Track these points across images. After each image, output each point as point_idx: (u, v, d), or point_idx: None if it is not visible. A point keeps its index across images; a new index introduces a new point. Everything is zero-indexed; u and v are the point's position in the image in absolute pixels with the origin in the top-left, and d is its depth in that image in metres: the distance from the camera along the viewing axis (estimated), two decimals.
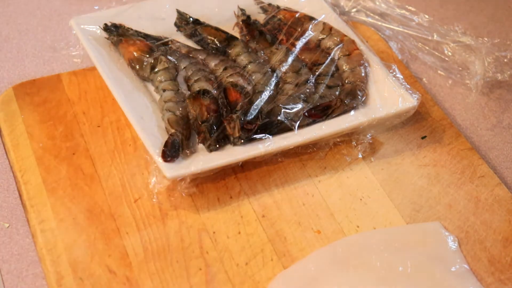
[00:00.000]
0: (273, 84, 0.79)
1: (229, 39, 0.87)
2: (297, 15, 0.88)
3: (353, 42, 0.85)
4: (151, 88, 0.81)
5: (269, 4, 0.93)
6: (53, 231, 0.68)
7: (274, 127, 0.74)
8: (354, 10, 0.98)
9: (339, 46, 0.84)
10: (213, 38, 0.87)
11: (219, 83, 0.79)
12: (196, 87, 0.78)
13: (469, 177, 0.75)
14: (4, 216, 0.71)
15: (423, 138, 0.79)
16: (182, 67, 0.82)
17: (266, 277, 0.66)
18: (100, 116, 0.79)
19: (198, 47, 0.87)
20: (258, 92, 0.78)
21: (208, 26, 0.88)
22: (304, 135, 0.74)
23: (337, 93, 0.79)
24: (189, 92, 0.78)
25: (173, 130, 0.73)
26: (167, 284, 0.64)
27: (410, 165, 0.76)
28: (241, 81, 0.78)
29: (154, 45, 0.84)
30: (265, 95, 0.77)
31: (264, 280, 0.65)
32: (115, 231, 0.68)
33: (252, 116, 0.74)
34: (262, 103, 0.76)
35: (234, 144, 0.73)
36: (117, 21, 0.86)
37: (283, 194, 0.73)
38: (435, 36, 0.94)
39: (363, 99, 0.79)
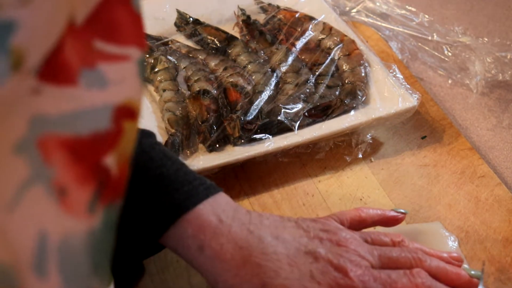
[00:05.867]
0: (273, 84, 0.79)
1: (229, 39, 0.87)
2: (297, 15, 0.88)
3: (353, 42, 0.85)
4: (151, 88, 0.81)
5: (269, 4, 0.93)
6: None
7: (274, 127, 0.74)
8: (354, 10, 0.98)
9: (339, 46, 0.84)
10: (213, 38, 0.87)
11: (219, 83, 0.79)
12: (196, 87, 0.78)
13: (469, 177, 0.75)
14: None
15: (423, 138, 0.79)
16: (182, 67, 0.82)
17: None
18: None
19: (198, 47, 0.87)
20: (258, 92, 0.78)
21: (208, 26, 0.88)
22: (304, 135, 0.74)
23: (337, 93, 0.79)
24: (189, 92, 0.78)
25: (173, 130, 0.73)
26: (167, 284, 0.64)
27: (410, 165, 0.76)
28: (241, 81, 0.78)
29: (154, 45, 0.84)
30: (265, 95, 0.77)
31: None
32: None
33: (252, 116, 0.74)
34: (262, 103, 0.76)
35: (234, 144, 0.73)
36: None
37: (283, 194, 0.73)
38: (435, 36, 0.94)
39: (363, 99, 0.79)
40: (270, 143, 0.73)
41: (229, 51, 0.85)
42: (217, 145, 0.73)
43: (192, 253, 0.54)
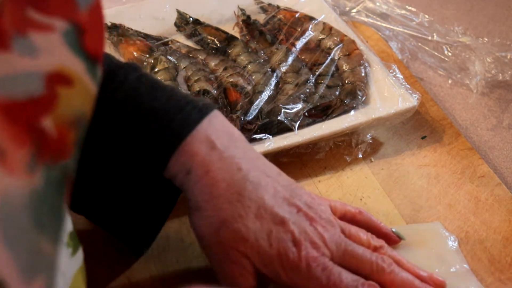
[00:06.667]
0: (273, 84, 0.79)
1: (229, 39, 0.87)
2: (297, 15, 0.88)
3: (353, 42, 0.85)
4: None
5: (269, 4, 0.93)
6: None
7: (274, 127, 0.74)
8: (354, 10, 0.98)
9: (339, 46, 0.84)
10: (213, 38, 0.87)
11: (219, 83, 0.79)
12: (196, 87, 0.78)
13: (469, 177, 0.75)
14: None
15: (423, 138, 0.79)
16: (182, 67, 0.82)
17: None
18: None
19: (198, 47, 0.87)
20: (258, 92, 0.78)
21: (208, 26, 0.88)
22: (304, 135, 0.74)
23: (337, 93, 0.79)
24: (189, 92, 0.78)
25: None
26: (167, 284, 0.64)
27: (410, 165, 0.76)
28: (241, 81, 0.78)
29: (154, 45, 0.84)
30: (265, 95, 0.77)
31: None
32: None
33: (252, 116, 0.74)
34: (262, 103, 0.76)
35: None
36: (117, 21, 0.86)
37: None
38: (435, 36, 0.94)
39: (363, 99, 0.79)
40: (270, 143, 0.72)
41: (229, 51, 0.85)
42: None
43: (182, 176, 0.56)
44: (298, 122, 0.74)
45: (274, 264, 0.54)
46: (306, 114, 0.75)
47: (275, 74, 0.80)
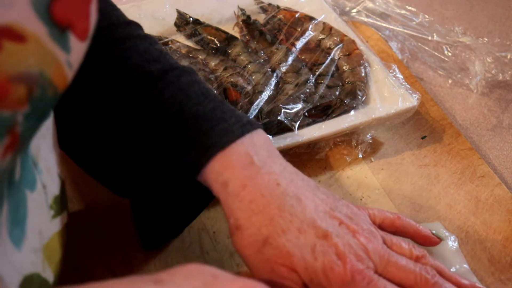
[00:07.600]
0: (273, 84, 0.79)
1: (229, 39, 0.87)
2: (297, 15, 0.88)
3: (353, 42, 0.85)
4: None
5: (269, 4, 0.93)
6: None
7: (274, 127, 0.74)
8: (354, 10, 0.98)
9: (339, 46, 0.84)
10: (213, 38, 0.87)
11: (219, 83, 0.79)
12: None
13: (469, 177, 0.75)
14: None
15: (423, 138, 0.79)
16: None
17: None
18: None
19: (198, 47, 0.87)
20: (258, 92, 0.78)
21: (208, 26, 0.88)
22: (304, 135, 0.74)
23: (337, 93, 0.79)
24: None
25: None
26: None
27: (410, 165, 0.76)
28: (241, 81, 0.78)
29: None
30: (265, 95, 0.77)
31: None
32: (116, 230, 0.68)
33: (252, 116, 0.74)
34: (262, 103, 0.76)
35: None
36: None
37: None
38: (435, 36, 0.94)
39: (363, 99, 0.79)
40: None
41: (229, 51, 0.85)
42: None
43: (218, 187, 0.55)
44: (298, 122, 0.74)
45: (320, 277, 0.53)
46: (306, 114, 0.75)
47: (275, 74, 0.80)
